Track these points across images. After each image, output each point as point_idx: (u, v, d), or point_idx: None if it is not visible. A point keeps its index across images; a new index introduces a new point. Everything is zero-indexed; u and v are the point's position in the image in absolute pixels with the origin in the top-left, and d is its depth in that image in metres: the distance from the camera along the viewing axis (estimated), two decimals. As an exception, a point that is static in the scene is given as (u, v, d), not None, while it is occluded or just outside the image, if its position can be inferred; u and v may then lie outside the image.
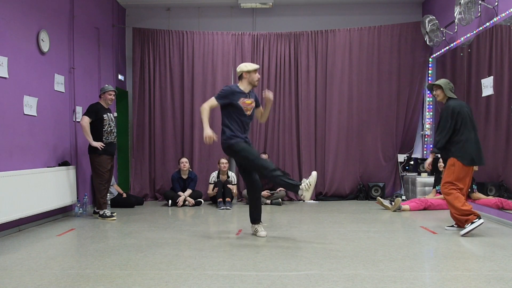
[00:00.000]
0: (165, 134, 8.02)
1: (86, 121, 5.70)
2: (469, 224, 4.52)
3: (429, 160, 5.03)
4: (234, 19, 8.30)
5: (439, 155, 5.35)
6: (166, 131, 8.02)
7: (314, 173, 4.31)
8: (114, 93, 5.99)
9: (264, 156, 7.50)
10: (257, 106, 4.77)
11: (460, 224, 4.71)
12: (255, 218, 4.73)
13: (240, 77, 4.67)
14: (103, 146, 5.74)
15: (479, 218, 4.54)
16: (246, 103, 4.59)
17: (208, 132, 4.43)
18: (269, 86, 8.02)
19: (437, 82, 4.96)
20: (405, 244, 4.27)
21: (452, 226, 4.92)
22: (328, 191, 7.95)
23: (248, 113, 4.61)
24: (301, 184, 4.26)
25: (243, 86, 4.63)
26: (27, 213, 4.92)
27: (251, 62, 7.98)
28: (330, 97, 7.94)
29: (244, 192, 7.44)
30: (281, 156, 8.00)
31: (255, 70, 4.63)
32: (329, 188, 7.94)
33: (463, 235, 4.51)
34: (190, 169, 7.50)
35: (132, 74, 8.14)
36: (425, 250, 4.14)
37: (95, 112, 5.76)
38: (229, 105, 4.55)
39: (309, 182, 4.24)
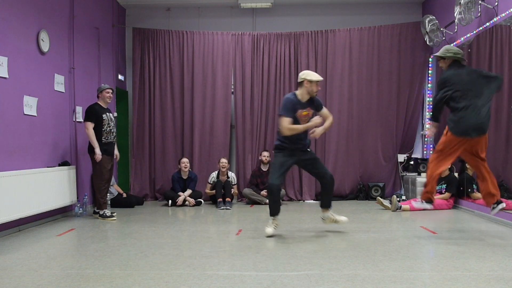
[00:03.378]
0: (165, 134, 8.03)
1: (90, 128, 5.70)
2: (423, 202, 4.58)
3: (431, 128, 4.62)
4: (234, 19, 8.30)
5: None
6: (166, 131, 8.02)
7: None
8: (111, 91, 5.98)
9: (265, 154, 7.53)
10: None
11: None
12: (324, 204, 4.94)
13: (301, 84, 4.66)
14: (100, 157, 5.71)
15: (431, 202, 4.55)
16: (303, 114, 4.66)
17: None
18: (269, 86, 8.03)
19: (438, 54, 4.47)
20: (405, 244, 4.27)
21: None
22: (328, 191, 7.93)
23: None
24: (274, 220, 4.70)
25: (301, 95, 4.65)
26: (27, 213, 4.92)
27: (251, 63, 8.01)
28: (330, 97, 7.94)
29: (244, 191, 7.44)
30: (281, 156, 7.99)
31: (317, 82, 4.63)
32: (329, 188, 7.93)
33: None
34: (190, 169, 7.51)
35: (132, 74, 8.14)
36: (425, 250, 4.14)
37: (95, 115, 5.75)
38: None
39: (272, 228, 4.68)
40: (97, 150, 5.69)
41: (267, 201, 7.25)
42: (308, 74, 4.63)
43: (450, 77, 4.31)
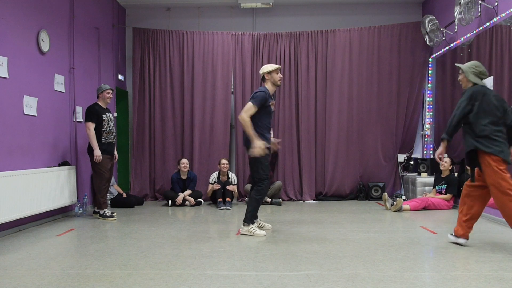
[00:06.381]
0: (165, 134, 8.03)
1: (92, 128, 5.69)
2: None
3: (440, 149, 4.16)
4: (234, 19, 8.30)
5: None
6: (166, 131, 8.02)
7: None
8: (111, 91, 5.98)
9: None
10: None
11: None
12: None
13: (263, 79, 4.79)
14: (99, 158, 5.72)
15: None
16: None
17: (259, 143, 4.54)
18: (269, 86, 8.02)
19: (460, 66, 4.26)
20: (405, 244, 4.27)
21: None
22: (328, 191, 7.94)
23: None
24: (253, 223, 4.78)
25: (269, 88, 4.75)
26: (27, 213, 4.92)
27: (251, 63, 8.02)
28: (330, 97, 7.94)
29: (246, 187, 7.42)
30: (281, 156, 8.00)
31: (276, 70, 4.74)
32: (329, 188, 7.94)
33: None
34: (189, 170, 7.51)
35: (132, 74, 8.15)
36: (425, 250, 4.14)
37: (96, 115, 5.75)
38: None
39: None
40: (97, 152, 5.69)
41: (268, 199, 7.33)
42: (264, 68, 4.76)
43: (484, 95, 4.05)
